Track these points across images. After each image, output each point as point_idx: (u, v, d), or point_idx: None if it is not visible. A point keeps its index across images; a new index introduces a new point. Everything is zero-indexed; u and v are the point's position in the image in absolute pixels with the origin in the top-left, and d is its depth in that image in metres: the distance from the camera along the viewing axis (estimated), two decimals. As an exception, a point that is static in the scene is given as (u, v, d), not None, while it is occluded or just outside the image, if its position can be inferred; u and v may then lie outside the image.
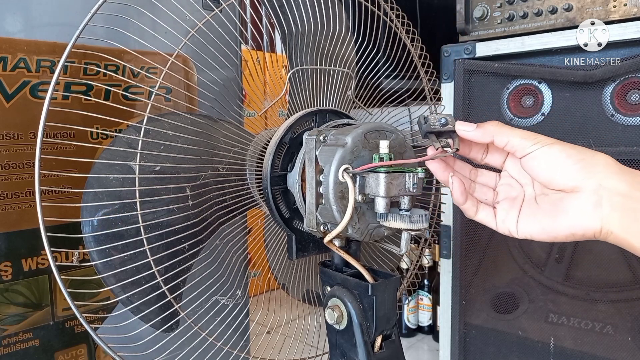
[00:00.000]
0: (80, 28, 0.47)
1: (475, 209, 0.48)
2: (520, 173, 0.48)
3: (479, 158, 0.50)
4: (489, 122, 0.46)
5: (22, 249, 0.69)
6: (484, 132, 0.46)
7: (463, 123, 0.46)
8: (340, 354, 0.53)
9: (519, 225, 0.46)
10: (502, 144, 0.45)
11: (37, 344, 0.71)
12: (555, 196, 0.44)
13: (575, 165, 0.42)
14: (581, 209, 0.41)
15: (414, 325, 1.39)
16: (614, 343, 0.83)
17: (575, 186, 0.42)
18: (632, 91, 0.78)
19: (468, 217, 0.49)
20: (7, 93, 0.66)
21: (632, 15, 0.76)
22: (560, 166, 0.43)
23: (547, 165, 0.43)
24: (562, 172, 0.42)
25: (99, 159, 0.52)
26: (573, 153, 0.43)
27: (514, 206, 0.47)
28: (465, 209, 0.48)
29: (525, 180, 0.47)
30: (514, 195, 0.48)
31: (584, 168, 0.42)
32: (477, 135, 0.46)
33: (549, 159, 0.43)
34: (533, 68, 0.84)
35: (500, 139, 0.45)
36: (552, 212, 0.44)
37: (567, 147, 0.43)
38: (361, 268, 0.53)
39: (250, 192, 0.60)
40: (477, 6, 0.91)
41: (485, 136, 0.46)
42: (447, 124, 0.46)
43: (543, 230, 0.44)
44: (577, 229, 0.42)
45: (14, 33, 0.66)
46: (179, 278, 0.55)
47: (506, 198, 0.48)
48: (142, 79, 0.75)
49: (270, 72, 0.83)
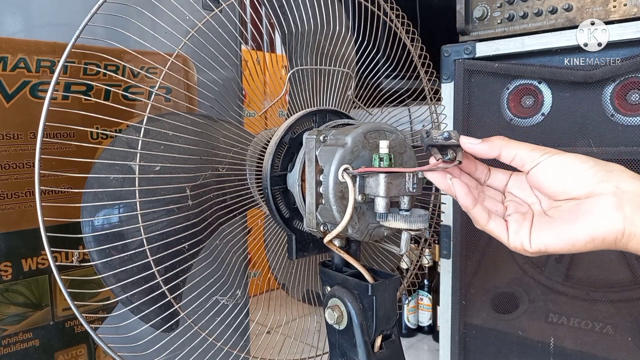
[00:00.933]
0: (80, 28, 0.47)
1: (486, 217, 0.45)
2: (525, 192, 0.46)
3: (482, 179, 0.48)
4: (495, 137, 0.45)
5: (22, 249, 0.69)
6: (491, 145, 0.44)
7: (468, 137, 0.45)
8: (340, 354, 0.53)
9: (532, 239, 0.43)
10: (509, 158, 0.44)
11: (37, 344, 0.71)
12: (569, 204, 0.42)
13: (590, 170, 0.41)
14: (602, 211, 0.39)
15: (414, 325, 1.39)
16: (614, 343, 0.83)
17: (591, 192, 0.40)
18: (632, 91, 0.78)
19: (479, 228, 0.46)
20: (7, 93, 0.66)
21: (632, 15, 0.76)
22: (574, 172, 0.41)
23: (557, 174, 0.42)
24: (576, 178, 0.41)
25: (99, 159, 0.52)
26: (586, 159, 0.41)
27: (526, 220, 0.44)
28: (475, 216, 0.45)
29: (532, 200, 0.46)
30: (523, 211, 0.46)
31: (599, 172, 0.40)
32: (484, 148, 0.44)
33: (560, 167, 0.42)
34: (533, 68, 0.84)
35: (508, 152, 0.44)
36: (570, 218, 0.41)
37: (579, 155, 0.42)
38: (361, 268, 0.53)
39: (250, 192, 0.60)
40: (477, 6, 0.91)
41: (492, 150, 0.44)
42: (451, 138, 0.44)
43: (560, 239, 0.41)
44: (599, 232, 0.39)
45: (14, 33, 0.66)
46: (179, 278, 0.55)
47: (516, 212, 0.46)
48: (142, 79, 0.75)
49: (270, 72, 0.83)
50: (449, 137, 0.44)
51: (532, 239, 0.43)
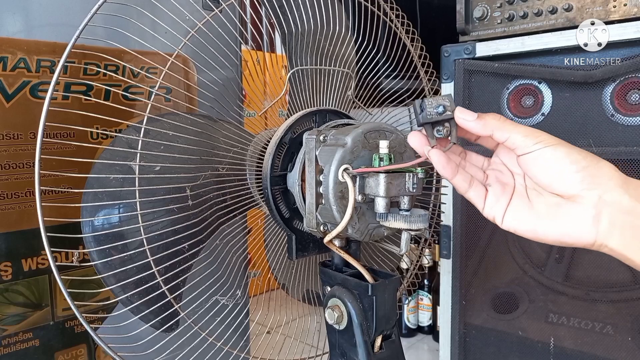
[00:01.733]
0: (80, 28, 0.47)
1: (467, 185, 0.45)
2: (512, 161, 0.45)
3: (472, 138, 0.48)
4: (490, 115, 0.44)
5: (22, 249, 0.69)
6: (485, 124, 0.43)
7: (464, 110, 0.44)
8: (340, 354, 0.53)
9: (505, 216, 0.44)
10: (501, 139, 0.44)
11: (37, 344, 0.71)
12: (550, 199, 0.42)
13: (578, 174, 0.40)
14: (578, 220, 0.40)
15: (414, 325, 1.39)
16: (614, 343, 0.83)
17: (575, 195, 0.40)
18: (632, 91, 0.78)
19: (459, 194, 0.47)
20: (7, 93, 0.66)
21: (632, 15, 0.76)
22: (562, 172, 0.41)
23: (547, 168, 0.41)
24: (563, 178, 0.41)
25: (99, 159, 0.52)
26: (578, 159, 0.41)
27: (504, 194, 0.45)
28: (457, 184, 0.46)
29: (518, 171, 0.45)
30: (504, 180, 0.46)
31: (586, 177, 0.40)
32: (477, 126, 0.44)
33: (550, 162, 0.41)
34: (533, 68, 0.84)
35: (501, 134, 0.43)
36: (547, 214, 0.42)
37: (573, 151, 0.41)
38: (361, 268, 0.53)
39: (250, 192, 0.60)
40: (477, 6, 0.91)
41: (485, 129, 0.44)
42: (445, 111, 0.44)
43: (531, 229, 0.43)
44: (569, 238, 0.41)
45: (14, 33, 0.66)
46: (179, 278, 0.55)
47: (497, 182, 0.46)
48: (142, 79, 0.75)
49: (270, 72, 0.83)
50: (443, 111, 0.44)
51: (506, 217, 0.44)
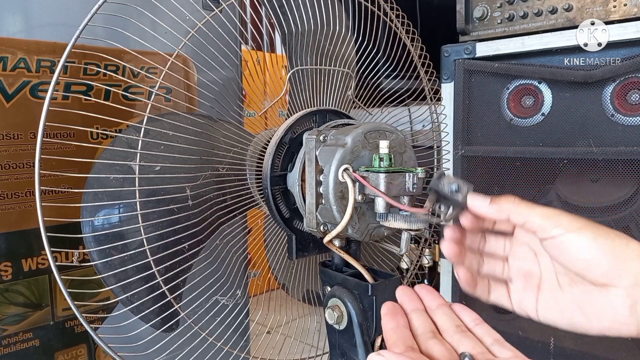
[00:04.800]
0: (80, 28, 0.47)
1: (487, 292, 0.43)
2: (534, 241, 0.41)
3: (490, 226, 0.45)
4: (504, 198, 0.41)
5: (22, 249, 0.69)
6: (499, 209, 0.40)
7: (477, 198, 0.41)
8: (340, 354, 0.53)
9: (539, 311, 0.41)
10: (519, 222, 0.40)
11: (37, 344, 0.71)
12: (582, 287, 0.39)
13: (608, 261, 0.36)
14: (615, 313, 0.37)
15: (414, 325, 1.39)
16: (614, 343, 0.83)
17: (607, 283, 0.37)
18: (632, 91, 0.77)
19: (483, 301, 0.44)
20: (7, 93, 0.66)
21: (632, 15, 0.76)
22: (591, 260, 0.37)
23: (571, 257, 0.38)
24: (593, 266, 0.37)
25: (99, 159, 0.52)
26: (605, 243, 0.37)
27: (530, 286, 0.41)
28: (477, 295, 0.43)
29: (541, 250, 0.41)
30: (527, 268, 0.42)
31: (617, 264, 0.36)
32: (491, 211, 0.41)
33: (574, 250, 0.37)
34: (533, 68, 0.84)
35: (518, 217, 0.40)
36: (579, 305, 0.38)
37: (599, 236, 0.37)
38: (361, 268, 0.53)
39: (250, 192, 0.60)
40: (477, 6, 0.91)
41: (500, 213, 0.40)
42: (459, 192, 0.41)
43: (571, 325, 0.39)
44: (609, 333, 0.37)
45: (14, 33, 0.66)
46: (179, 278, 0.55)
47: (519, 273, 0.42)
48: (142, 79, 0.75)
49: (270, 72, 0.83)
50: (457, 190, 0.41)
51: (540, 314, 0.41)
